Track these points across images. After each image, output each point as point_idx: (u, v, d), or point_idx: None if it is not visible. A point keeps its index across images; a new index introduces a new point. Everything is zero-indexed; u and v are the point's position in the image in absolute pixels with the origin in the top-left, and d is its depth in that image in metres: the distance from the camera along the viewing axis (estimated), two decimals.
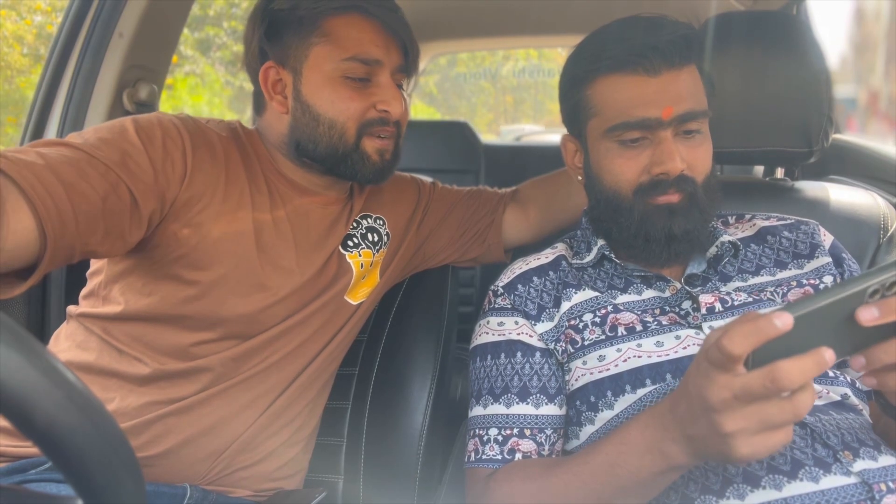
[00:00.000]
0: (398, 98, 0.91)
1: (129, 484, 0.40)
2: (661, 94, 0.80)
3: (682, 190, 0.82)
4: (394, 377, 1.09)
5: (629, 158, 0.83)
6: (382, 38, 0.90)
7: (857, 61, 6.15)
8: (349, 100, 0.89)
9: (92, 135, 0.79)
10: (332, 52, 0.88)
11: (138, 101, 1.31)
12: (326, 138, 0.90)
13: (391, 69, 0.92)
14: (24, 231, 0.66)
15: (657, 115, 0.79)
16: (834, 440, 0.69)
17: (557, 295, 0.89)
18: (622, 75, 0.81)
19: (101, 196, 0.74)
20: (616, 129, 0.82)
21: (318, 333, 0.98)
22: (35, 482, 0.80)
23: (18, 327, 0.37)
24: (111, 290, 0.89)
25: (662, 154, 0.80)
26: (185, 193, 0.84)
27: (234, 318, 0.88)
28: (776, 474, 0.67)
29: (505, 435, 0.83)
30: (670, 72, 0.80)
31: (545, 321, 0.87)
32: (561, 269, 0.92)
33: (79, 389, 0.38)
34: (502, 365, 0.87)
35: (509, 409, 0.84)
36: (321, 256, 0.97)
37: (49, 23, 4.62)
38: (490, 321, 0.91)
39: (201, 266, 0.86)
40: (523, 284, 0.91)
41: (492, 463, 0.82)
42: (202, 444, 0.89)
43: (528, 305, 0.89)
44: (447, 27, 2.49)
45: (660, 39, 0.80)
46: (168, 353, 0.87)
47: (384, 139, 0.93)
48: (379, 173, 0.95)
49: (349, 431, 1.08)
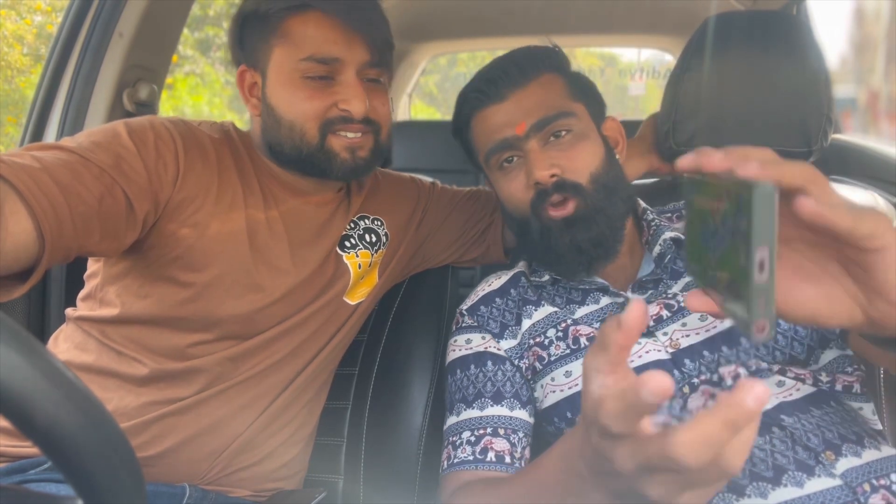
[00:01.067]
0: (359, 96, 0.88)
1: (129, 484, 0.40)
2: (511, 115, 0.88)
3: (568, 196, 0.84)
4: (394, 377, 1.09)
5: (512, 179, 0.89)
6: (342, 35, 0.87)
7: (857, 61, 6.14)
8: (307, 100, 0.88)
9: (85, 139, 0.79)
10: (291, 53, 0.87)
11: (138, 101, 1.31)
12: (289, 140, 0.90)
13: (356, 66, 0.89)
14: (22, 234, 0.67)
15: (513, 133, 0.87)
16: (815, 441, 0.68)
17: (518, 312, 0.92)
18: (482, 110, 0.91)
19: (97, 198, 0.74)
20: (491, 154, 0.90)
21: (316, 334, 0.98)
22: (35, 482, 0.80)
23: (19, 327, 0.37)
24: (107, 293, 0.89)
25: (533, 166, 0.85)
26: (177, 195, 0.84)
27: (229, 318, 0.88)
28: (760, 482, 0.66)
29: (478, 435, 0.83)
30: (516, 92, 0.89)
31: (508, 338, 0.91)
32: (521, 286, 0.95)
33: (79, 389, 0.38)
34: (473, 375, 0.89)
35: (483, 412, 0.85)
36: (316, 256, 0.97)
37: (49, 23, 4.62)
38: (458, 339, 0.94)
39: (196, 267, 0.86)
40: (486, 305, 0.95)
41: (463, 465, 0.81)
42: (201, 444, 0.89)
43: (490, 325, 0.93)
44: (447, 27, 2.49)
45: (493, 71, 0.90)
46: (166, 354, 0.87)
47: (354, 137, 0.91)
48: (353, 171, 0.92)
49: (349, 431, 1.08)
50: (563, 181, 0.84)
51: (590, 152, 0.88)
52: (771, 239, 0.35)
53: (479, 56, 4.94)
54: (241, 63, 0.93)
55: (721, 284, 0.41)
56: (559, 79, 0.92)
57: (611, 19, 2.25)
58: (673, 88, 1.10)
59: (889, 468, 0.67)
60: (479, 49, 3.14)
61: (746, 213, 0.35)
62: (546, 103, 0.88)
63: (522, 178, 0.88)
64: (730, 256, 0.39)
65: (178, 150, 0.86)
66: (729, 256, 0.39)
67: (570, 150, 0.86)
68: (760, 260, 0.35)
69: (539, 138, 0.87)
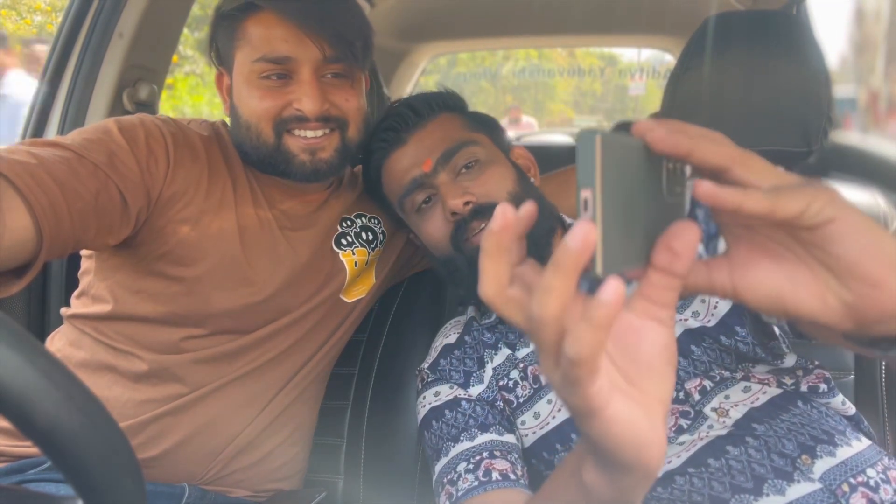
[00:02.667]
0: (311, 94, 0.86)
1: (129, 484, 0.40)
2: (415, 155, 0.90)
3: (485, 218, 0.83)
4: (394, 377, 1.09)
5: (430, 219, 0.90)
6: (293, 34, 0.86)
7: (857, 61, 6.15)
8: (260, 99, 0.88)
9: (77, 136, 0.80)
10: (248, 54, 0.88)
11: (138, 101, 1.31)
12: (248, 140, 0.90)
13: (312, 64, 0.87)
14: (20, 229, 0.67)
15: (420, 171, 0.89)
16: (789, 447, 0.68)
17: (479, 357, 0.90)
18: (388, 159, 0.94)
19: (93, 194, 0.75)
20: (405, 198, 0.91)
21: (313, 331, 0.98)
22: (34, 482, 0.80)
23: (19, 327, 0.37)
24: (100, 290, 0.90)
25: (445, 197, 0.86)
26: (168, 190, 0.85)
27: (222, 313, 0.89)
28: (742, 493, 0.66)
29: (475, 462, 0.77)
30: (415, 133, 0.92)
31: (476, 384, 0.88)
32: (474, 331, 0.93)
33: (79, 389, 0.38)
34: (451, 418, 0.85)
35: (474, 442, 0.80)
36: (307, 250, 0.97)
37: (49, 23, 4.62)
38: (426, 395, 0.90)
39: (186, 262, 0.87)
40: (445, 359, 0.92)
41: (469, 494, 0.75)
42: (199, 443, 0.89)
43: (454, 376, 0.90)
44: (447, 27, 2.49)
45: (390, 120, 0.93)
46: (160, 349, 0.88)
47: (312, 137, 0.89)
48: (314, 173, 0.91)
49: (349, 431, 1.08)
50: (480, 206, 0.84)
51: (501, 174, 0.88)
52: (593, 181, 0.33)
53: (479, 56, 4.93)
54: (218, 65, 0.95)
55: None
56: (456, 116, 0.95)
57: (611, 19, 2.25)
58: (673, 88, 1.10)
59: (863, 463, 0.67)
60: (479, 49, 3.14)
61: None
62: (447, 137, 0.89)
63: (439, 214, 0.88)
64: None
65: (169, 147, 0.87)
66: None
67: (481, 177, 0.87)
68: (584, 200, 0.33)
69: (447, 171, 0.88)
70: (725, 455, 0.69)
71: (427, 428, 0.86)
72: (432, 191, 0.89)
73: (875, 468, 0.67)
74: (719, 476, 0.68)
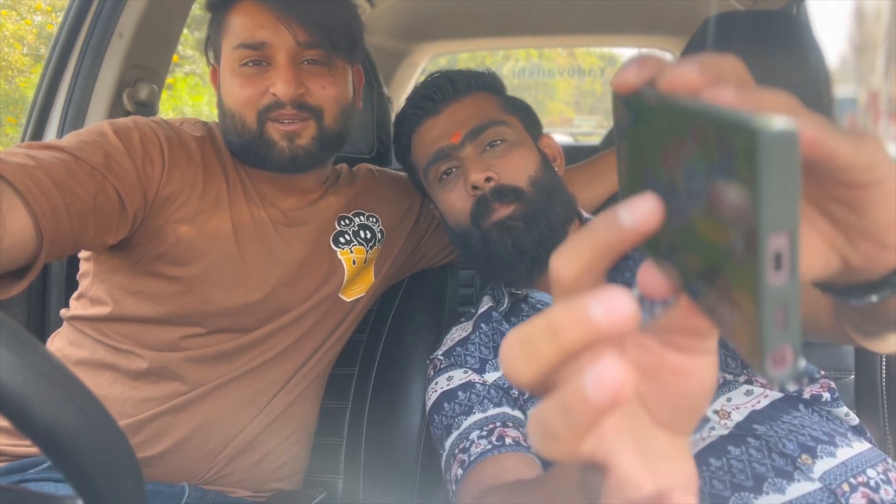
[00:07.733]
0: (285, 78, 0.86)
1: (129, 483, 0.40)
2: (446, 126, 0.92)
3: (506, 200, 0.85)
4: (394, 377, 1.09)
5: (450, 190, 0.91)
6: (269, 19, 0.86)
7: (857, 61, 6.15)
8: (241, 87, 0.88)
9: (73, 139, 0.81)
10: (230, 42, 0.89)
11: (138, 101, 1.31)
12: (233, 129, 0.91)
13: (287, 49, 0.87)
14: (20, 231, 0.67)
15: (448, 142, 0.90)
16: (790, 447, 0.68)
17: (496, 345, 0.91)
18: (420, 127, 0.96)
19: (92, 195, 0.76)
20: (430, 167, 0.93)
21: (312, 331, 0.99)
22: (34, 481, 0.80)
23: (19, 327, 0.37)
24: (98, 291, 0.90)
25: (468, 170, 0.87)
26: (163, 191, 0.86)
27: (220, 311, 0.89)
28: (742, 492, 0.66)
29: (489, 429, 0.78)
30: (450, 106, 0.93)
31: (491, 371, 0.88)
32: (493, 321, 0.94)
33: (79, 389, 0.38)
34: (463, 399, 0.84)
35: (486, 413, 0.81)
36: (304, 248, 0.97)
37: (49, 23, 4.62)
38: (438, 381, 0.90)
39: (182, 262, 0.87)
40: (462, 346, 0.93)
41: (483, 456, 0.75)
42: (199, 442, 0.89)
43: (469, 361, 0.90)
44: (447, 27, 2.49)
45: (428, 88, 0.95)
46: (160, 348, 0.88)
47: (290, 124, 0.89)
48: (291, 160, 0.91)
49: (349, 431, 1.08)
50: (502, 186, 0.85)
51: (525, 157, 0.89)
52: (792, 218, 0.20)
53: (479, 56, 4.93)
54: (213, 62, 0.96)
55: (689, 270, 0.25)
56: (492, 96, 0.96)
57: (611, 19, 2.25)
58: None
59: (864, 464, 0.67)
60: (479, 49, 3.14)
61: (742, 173, 0.21)
62: (479, 114, 0.91)
63: (461, 187, 0.89)
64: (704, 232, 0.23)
65: (164, 148, 0.87)
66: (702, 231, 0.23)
67: (506, 157, 0.88)
68: (776, 253, 0.20)
69: (474, 146, 0.89)
70: (727, 454, 0.69)
71: (438, 411, 0.86)
72: (456, 163, 0.91)
73: (876, 469, 0.67)
74: (720, 475, 0.68)
